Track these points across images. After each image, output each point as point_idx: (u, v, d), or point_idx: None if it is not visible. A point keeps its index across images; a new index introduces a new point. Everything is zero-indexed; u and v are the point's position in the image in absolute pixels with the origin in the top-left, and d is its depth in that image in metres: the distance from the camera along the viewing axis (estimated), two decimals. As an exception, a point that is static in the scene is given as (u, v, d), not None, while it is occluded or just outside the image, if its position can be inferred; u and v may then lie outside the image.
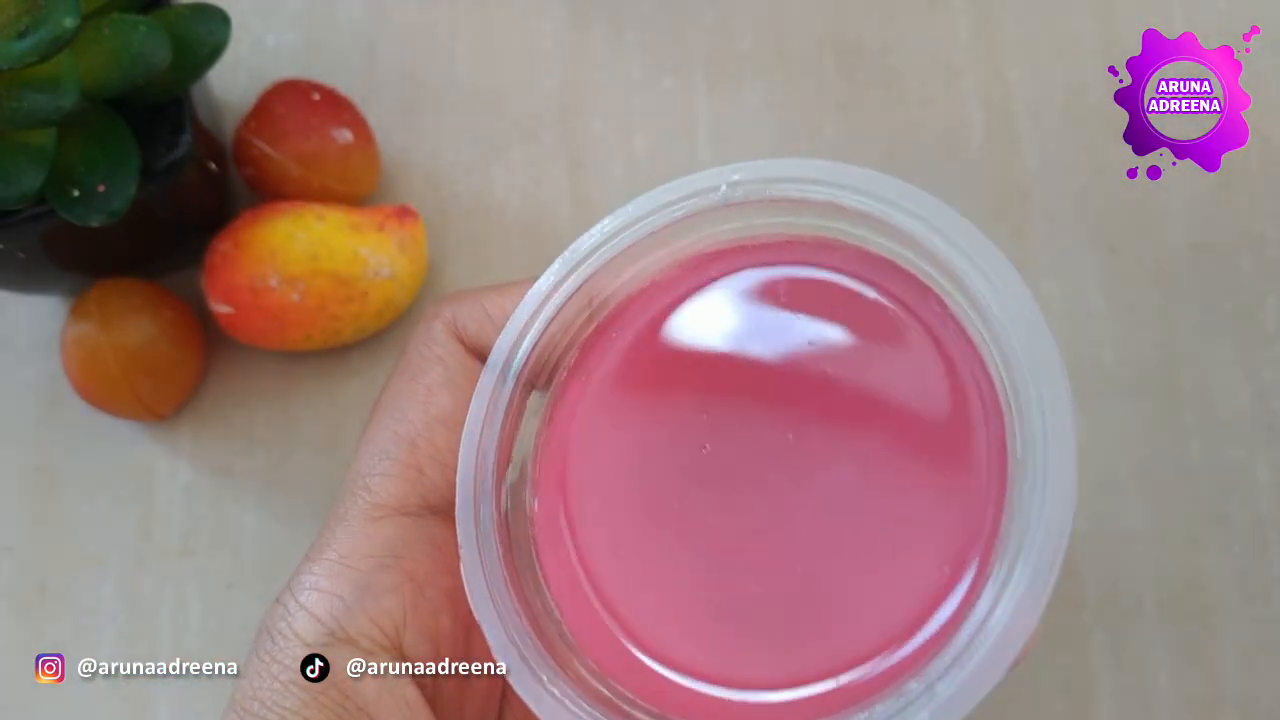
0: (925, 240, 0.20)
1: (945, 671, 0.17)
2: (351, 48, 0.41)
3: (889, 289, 0.21)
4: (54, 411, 0.37)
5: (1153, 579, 0.33)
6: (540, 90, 0.40)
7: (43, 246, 0.33)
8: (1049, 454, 0.17)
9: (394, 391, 0.24)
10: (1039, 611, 0.17)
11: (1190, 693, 0.32)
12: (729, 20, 0.40)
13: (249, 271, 0.34)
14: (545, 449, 0.23)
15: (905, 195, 0.20)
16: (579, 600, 0.21)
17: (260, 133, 0.36)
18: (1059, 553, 0.17)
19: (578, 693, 0.19)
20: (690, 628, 0.20)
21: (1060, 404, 0.17)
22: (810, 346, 0.21)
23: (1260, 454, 0.34)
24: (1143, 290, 0.35)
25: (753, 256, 0.22)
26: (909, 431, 0.20)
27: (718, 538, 0.20)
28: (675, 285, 0.23)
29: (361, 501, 0.23)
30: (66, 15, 0.28)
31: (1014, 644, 0.16)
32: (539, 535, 0.22)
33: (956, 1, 0.39)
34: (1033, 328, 0.18)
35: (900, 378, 0.20)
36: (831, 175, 0.21)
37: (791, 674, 0.19)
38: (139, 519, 0.36)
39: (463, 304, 0.25)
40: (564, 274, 0.22)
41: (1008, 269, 0.19)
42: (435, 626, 0.22)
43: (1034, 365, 0.18)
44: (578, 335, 0.23)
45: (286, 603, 0.22)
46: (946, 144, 0.38)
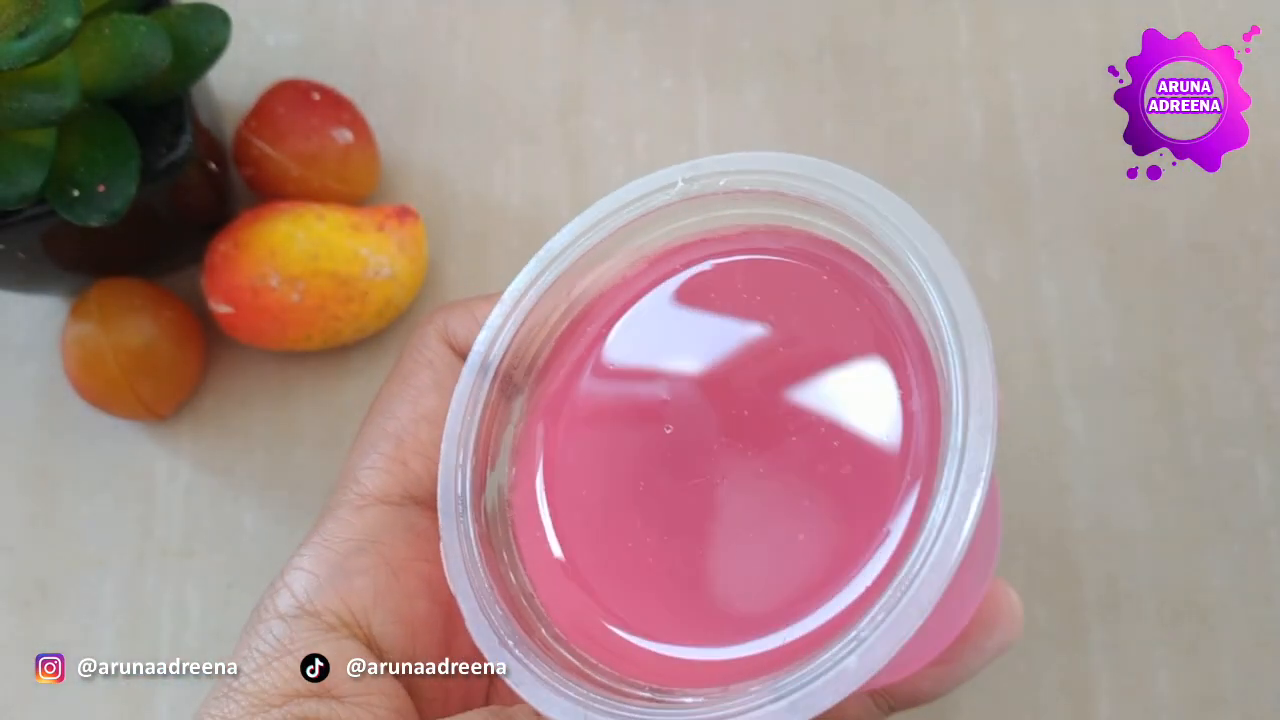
0: (861, 219, 0.21)
1: (875, 619, 0.17)
2: (351, 48, 0.41)
3: (833, 268, 0.23)
4: (54, 411, 0.37)
5: (1153, 578, 0.33)
6: (540, 90, 0.40)
7: (43, 246, 0.33)
8: (970, 410, 0.18)
9: (386, 394, 0.26)
10: (956, 560, 0.17)
11: (1190, 692, 0.32)
12: (729, 20, 0.40)
13: (249, 271, 0.34)
14: (523, 437, 0.24)
15: (842, 178, 0.22)
16: (551, 575, 0.22)
17: (260, 133, 0.36)
18: (971, 508, 0.18)
19: (544, 658, 0.20)
20: (654, 598, 0.21)
21: (981, 363, 0.19)
22: (763, 326, 0.23)
23: (1260, 453, 0.34)
24: (1142, 290, 0.35)
25: (712, 247, 0.24)
26: (852, 400, 0.21)
27: (679, 513, 0.21)
28: (642, 279, 0.24)
29: (350, 493, 0.24)
30: (67, 15, 0.28)
31: (932, 592, 0.17)
32: (516, 517, 0.23)
33: (956, 1, 0.39)
34: (959, 295, 0.19)
35: (844, 350, 0.22)
36: (775, 165, 0.22)
37: (744, 633, 0.20)
38: (139, 519, 0.36)
39: (453, 312, 0.26)
40: (537, 274, 0.24)
41: (938, 241, 0.20)
42: (410, 610, 0.23)
43: (959, 330, 0.19)
44: (553, 330, 0.25)
45: (275, 583, 0.24)
46: (946, 144, 0.38)
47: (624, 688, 0.20)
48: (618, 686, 0.20)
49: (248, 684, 0.22)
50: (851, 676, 0.17)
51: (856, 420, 0.21)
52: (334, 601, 0.23)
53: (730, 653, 0.20)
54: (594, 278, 0.24)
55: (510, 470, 0.24)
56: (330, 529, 0.24)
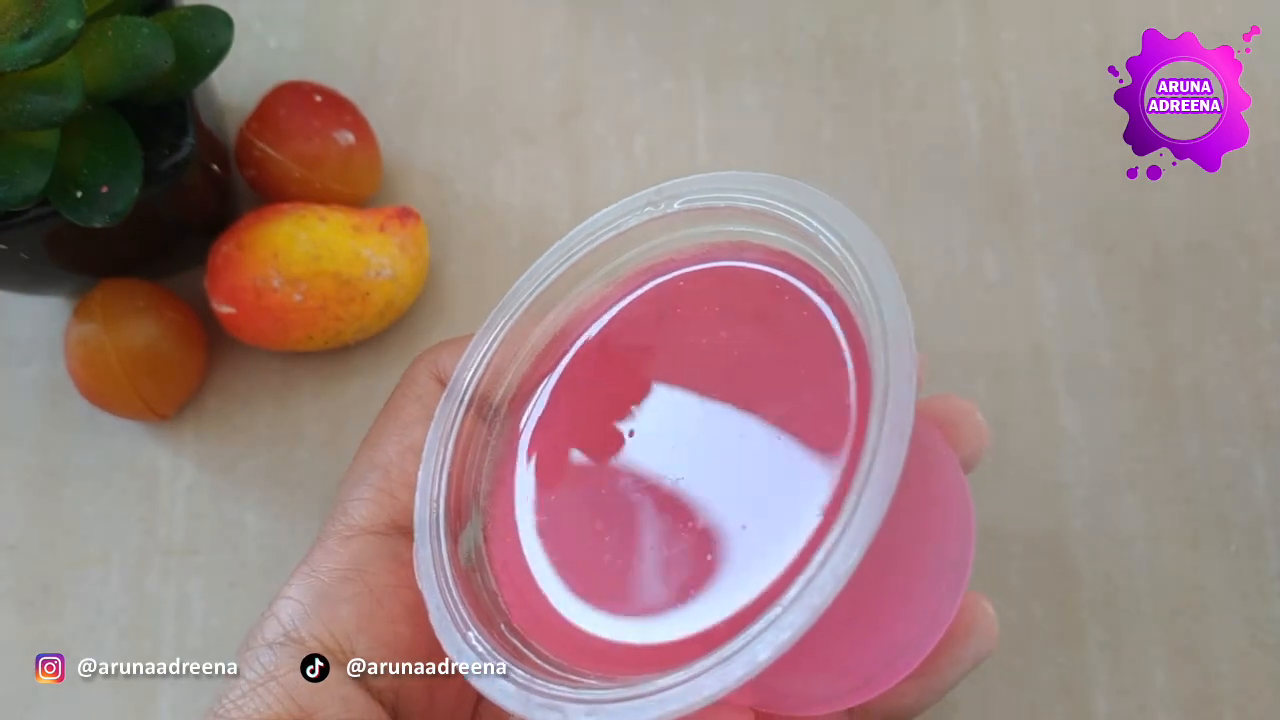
0: (806, 227, 0.23)
1: (793, 593, 0.19)
2: (353, 50, 0.41)
3: (787, 274, 0.24)
4: (57, 411, 0.38)
5: (1150, 578, 0.33)
6: (540, 92, 0.40)
7: (46, 247, 0.33)
8: (888, 409, 0.19)
9: (376, 429, 0.27)
10: (871, 529, 0.19)
11: (1187, 691, 0.32)
12: (728, 22, 0.40)
13: (251, 272, 0.34)
14: (502, 454, 0.25)
15: (792, 192, 0.23)
16: (517, 575, 0.24)
17: (262, 134, 0.36)
18: (888, 488, 0.19)
19: (496, 647, 0.21)
20: (610, 590, 0.23)
21: (904, 363, 0.20)
22: (721, 333, 0.24)
23: (1257, 453, 0.34)
24: (1140, 290, 0.36)
25: (679, 264, 0.26)
26: (798, 397, 0.23)
27: (636, 512, 0.23)
28: (614, 297, 0.26)
29: (338, 524, 0.25)
30: (70, 17, 0.28)
31: (845, 565, 0.18)
32: (490, 525, 0.25)
33: (954, 3, 0.39)
34: (892, 301, 0.21)
35: (793, 353, 0.23)
36: (733, 183, 0.24)
37: (690, 618, 0.21)
38: (142, 518, 0.36)
39: (445, 349, 0.27)
40: (513, 302, 0.26)
41: (879, 251, 0.22)
42: (393, 635, 0.24)
43: (888, 331, 0.20)
44: (531, 352, 0.26)
45: (264, 613, 0.24)
46: (945, 145, 0.38)
47: (571, 675, 0.21)
48: (564, 674, 0.21)
49: (233, 711, 0.22)
50: (770, 646, 0.18)
51: (800, 415, 0.22)
52: (319, 628, 0.23)
53: (677, 632, 0.21)
54: (569, 300, 0.26)
55: (489, 483, 0.25)
56: (318, 559, 0.24)
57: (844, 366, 0.22)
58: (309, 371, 0.37)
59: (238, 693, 0.23)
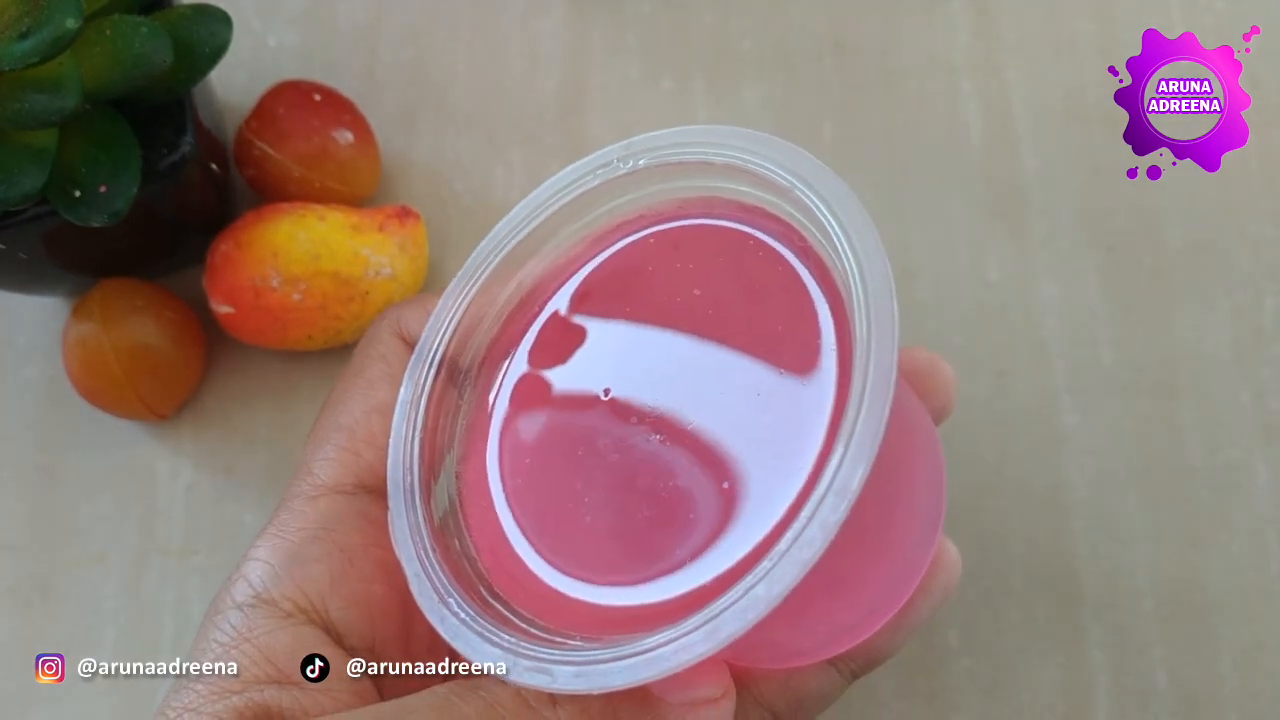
0: (781, 181, 0.22)
1: (782, 547, 0.19)
2: (352, 49, 0.41)
3: (760, 230, 0.24)
4: (56, 411, 0.38)
5: (1151, 578, 0.33)
6: (540, 90, 0.40)
7: (44, 247, 0.33)
8: (871, 362, 0.19)
9: (340, 389, 0.26)
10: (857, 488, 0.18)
11: (1188, 691, 0.32)
12: (729, 21, 0.40)
13: (250, 272, 0.34)
14: (474, 416, 0.25)
15: (766, 145, 0.23)
16: (495, 539, 0.23)
17: (262, 133, 0.36)
18: (873, 443, 0.19)
19: (479, 613, 0.21)
20: (590, 551, 0.22)
21: (884, 310, 0.20)
22: (695, 290, 0.24)
23: (1258, 453, 0.34)
24: (1141, 290, 0.36)
25: (649, 221, 0.25)
26: (775, 353, 0.22)
27: (615, 472, 0.23)
28: (583, 256, 0.25)
29: (304, 485, 0.25)
30: (68, 16, 0.28)
31: (834, 518, 0.18)
32: (464, 490, 0.24)
33: (955, 2, 0.39)
34: (871, 256, 0.20)
35: (768, 309, 0.23)
36: (704, 137, 0.24)
37: (674, 576, 0.21)
38: (140, 518, 0.36)
39: (407, 307, 0.27)
40: (480, 262, 0.25)
41: (853, 202, 0.21)
42: (367, 593, 0.23)
43: (868, 287, 0.20)
44: (499, 314, 0.26)
45: (232, 576, 0.24)
46: (945, 144, 0.38)
47: (556, 638, 0.21)
48: (549, 637, 0.21)
49: (206, 673, 0.22)
50: (761, 601, 0.18)
51: (778, 371, 0.22)
52: (290, 589, 0.23)
53: (662, 593, 0.21)
54: (538, 260, 0.26)
55: (460, 446, 0.25)
56: (285, 520, 0.24)
57: (821, 322, 0.22)
58: (308, 371, 0.37)
59: (210, 656, 0.22)
